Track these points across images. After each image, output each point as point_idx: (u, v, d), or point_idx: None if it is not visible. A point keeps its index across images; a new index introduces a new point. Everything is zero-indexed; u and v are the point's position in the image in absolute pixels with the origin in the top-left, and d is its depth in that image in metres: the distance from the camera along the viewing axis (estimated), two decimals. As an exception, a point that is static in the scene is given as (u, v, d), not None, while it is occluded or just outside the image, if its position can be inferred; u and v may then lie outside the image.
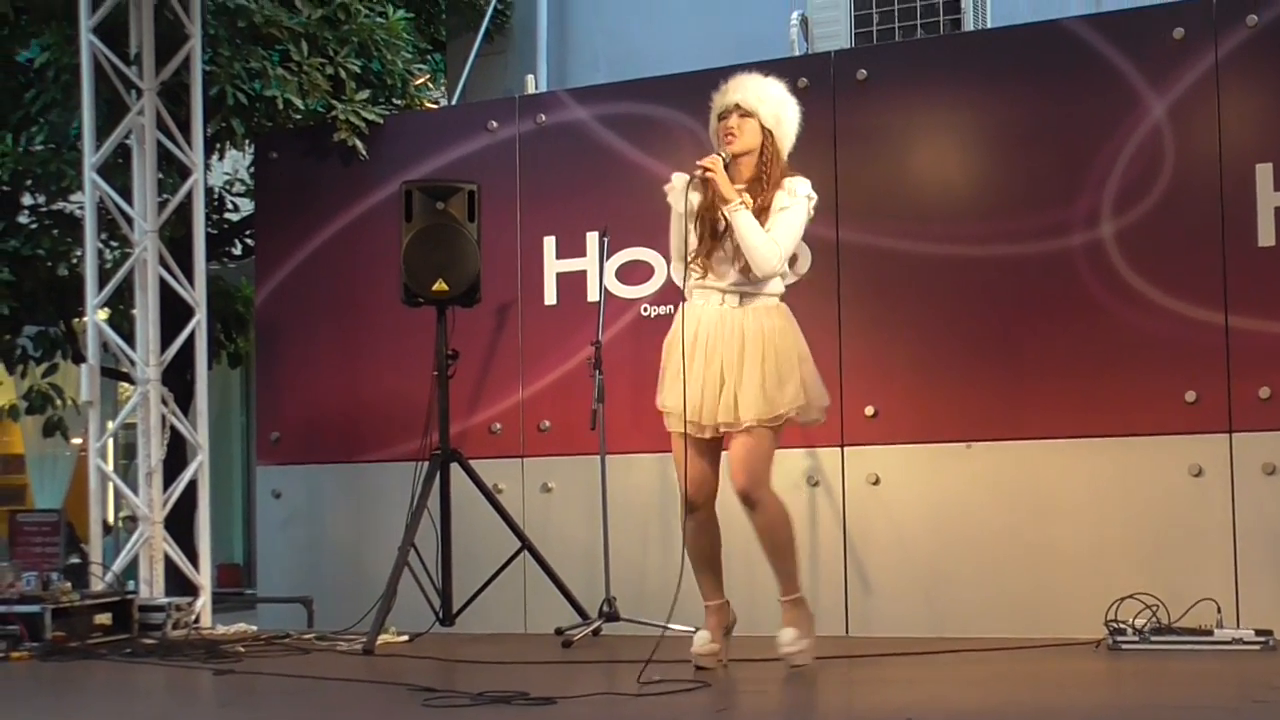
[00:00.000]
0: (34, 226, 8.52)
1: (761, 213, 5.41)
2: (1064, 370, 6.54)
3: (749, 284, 5.45)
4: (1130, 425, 6.42)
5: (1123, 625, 5.93)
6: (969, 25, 7.59)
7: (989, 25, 7.75)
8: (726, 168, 5.44)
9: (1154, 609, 5.93)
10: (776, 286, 5.52)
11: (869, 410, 6.83)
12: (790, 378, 5.37)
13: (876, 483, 6.82)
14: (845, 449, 6.88)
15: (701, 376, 5.39)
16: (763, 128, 5.50)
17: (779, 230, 5.41)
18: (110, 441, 7.71)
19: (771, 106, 5.55)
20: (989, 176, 6.81)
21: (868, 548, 6.82)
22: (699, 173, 5.40)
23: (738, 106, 5.51)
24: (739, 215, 5.36)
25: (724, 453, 5.53)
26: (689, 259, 5.48)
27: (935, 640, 6.32)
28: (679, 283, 5.57)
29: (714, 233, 5.46)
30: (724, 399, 5.36)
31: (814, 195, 5.53)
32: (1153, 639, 5.85)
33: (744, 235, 5.36)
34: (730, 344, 5.39)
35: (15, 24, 7.89)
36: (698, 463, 5.46)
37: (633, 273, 7.30)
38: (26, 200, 8.76)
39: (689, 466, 5.45)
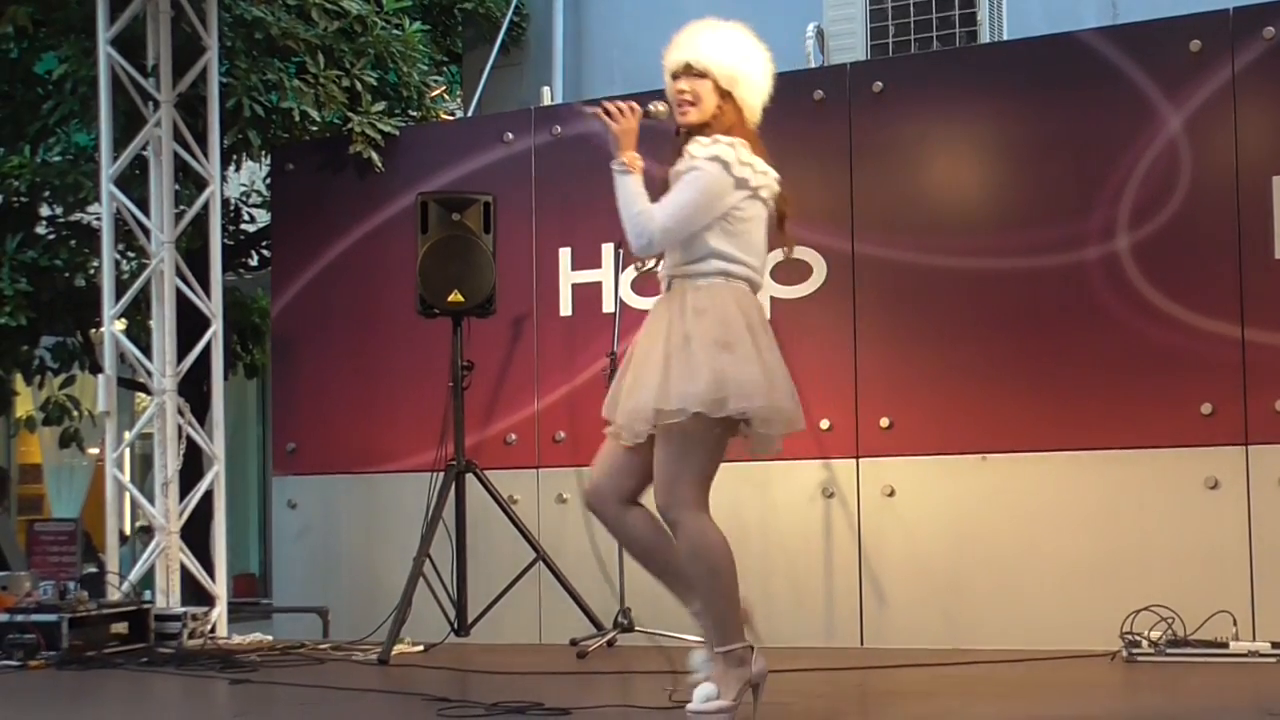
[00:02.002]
0: (52, 237, 8.55)
1: None
2: (1079, 382, 6.53)
3: (682, 262, 4.58)
4: (1146, 437, 6.41)
5: (1138, 637, 5.92)
6: (985, 37, 7.60)
7: (1004, 37, 7.75)
8: (679, 134, 4.65)
9: (1170, 621, 5.92)
10: (714, 264, 4.54)
11: (884, 422, 6.83)
12: (700, 370, 4.39)
13: (892, 494, 6.82)
14: (860, 460, 6.88)
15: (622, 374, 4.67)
16: (718, 89, 4.62)
17: (667, 198, 4.52)
18: (127, 452, 7.73)
19: (727, 63, 4.62)
20: (1005, 189, 6.81)
21: (883, 560, 6.81)
22: (594, 110, 4.64)
23: (689, 66, 4.61)
24: (618, 178, 4.56)
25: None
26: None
27: (950, 652, 6.31)
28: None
29: None
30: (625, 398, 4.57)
31: (723, 156, 4.50)
32: (1168, 651, 5.84)
33: (618, 202, 4.55)
34: (650, 334, 4.58)
35: (34, 36, 7.93)
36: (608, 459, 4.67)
37: (648, 285, 7.29)
38: (44, 211, 8.79)
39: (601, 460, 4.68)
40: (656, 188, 4.62)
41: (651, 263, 4.78)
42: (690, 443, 4.42)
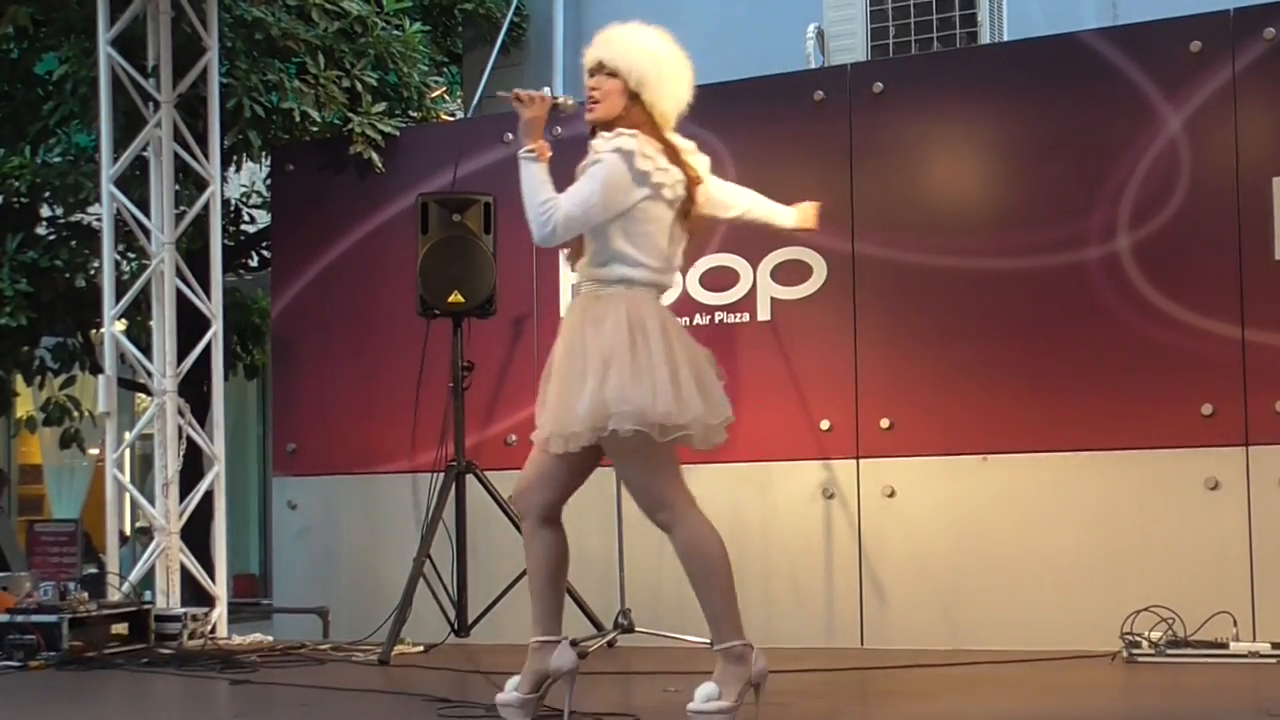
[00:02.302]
0: (52, 238, 8.56)
1: None
2: (1080, 383, 6.53)
3: (588, 265, 4.59)
4: (1147, 438, 6.41)
5: (1138, 638, 5.92)
6: (985, 38, 7.60)
7: (1005, 38, 7.75)
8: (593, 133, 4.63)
9: (1170, 622, 5.92)
10: (616, 270, 4.52)
11: (885, 423, 6.83)
12: (582, 386, 4.43)
13: (892, 495, 6.82)
14: (861, 461, 6.88)
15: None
16: (626, 90, 4.61)
17: (571, 189, 4.48)
18: (127, 452, 7.73)
19: (638, 65, 4.60)
20: (1005, 189, 6.81)
21: (883, 560, 6.81)
22: (506, 95, 4.63)
23: (600, 65, 4.63)
24: (525, 164, 4.55)
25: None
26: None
27: (951, 652, 6.31)
28: None
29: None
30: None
31: (625, 147, 4.49)
32: (1168, 652, 5.84)
33: (523, 189, 4.53)
34: (565, 342, 4.59)
35: (34, 37, 7.93)
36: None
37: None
38: (45, 212, 8.80)
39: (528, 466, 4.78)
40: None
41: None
42: (636, 452, 4.48)
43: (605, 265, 4.51)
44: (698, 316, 7.18)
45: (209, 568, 7.62)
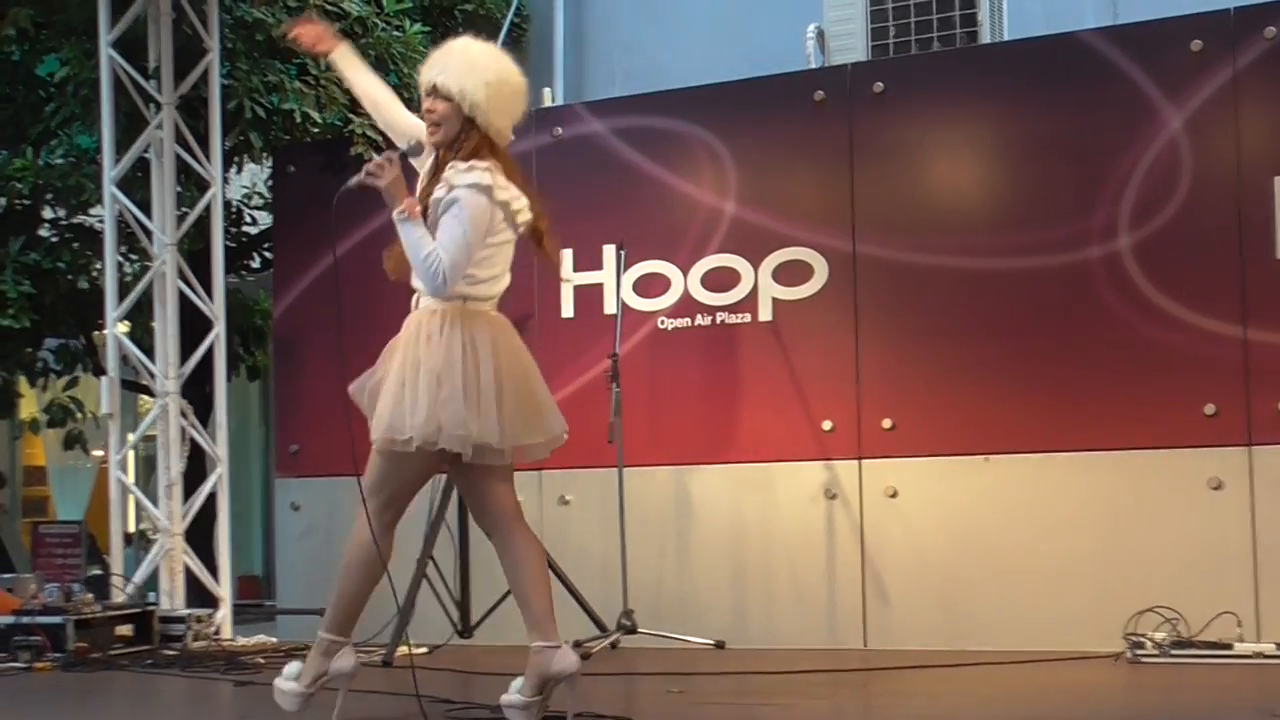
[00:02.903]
0: (54, 240, 8.57)
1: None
2: (1082, 383, 6.53)
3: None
4: (1149, 438, 6.41)
5: (1142, 638, 5.92)
6: (985, 38, 7.60)
7: (1005, 38, 7.75)
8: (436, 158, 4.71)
9: (1174, 622, 5.93)
10: (457, 287, 4.67)
11: (886, 423, 6.83)
12: (420, 403, 4.63)
13: (894, 495, 6.82)
14: (863, 462, 6.88)
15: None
16: (462, 113, 4.64)
17: (441, 235, 4.53)
18: (130, 454, 7.74)
19: (470, 88, 4.64)
20: (1006, 189, 6.81)
21: (885, 560, 6.82)
22: (360, 179, 4.59)
23: (435, 88, 4.65)
24: (402, 226, 4.56)
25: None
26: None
27: (954, 653, 6.32)
28: None
29: None
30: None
31: (483, 182, 4.57)
32: (1172, 652, 5.84)
33: (406, 252, 4.60)
34: (399, 349, 4.82)
35: (35, 39, 7.94)
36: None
37: (650, 286, 7.31)
38: (47, 214, 8.81)
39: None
40: (673, 200, 4.63)
41: None
42: (399, 462, 4.73)
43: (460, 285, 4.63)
44: (699, 317, 7.19)
45: (213, 569, 7.63)
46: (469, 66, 4.66)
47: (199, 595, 7.68)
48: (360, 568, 4.80)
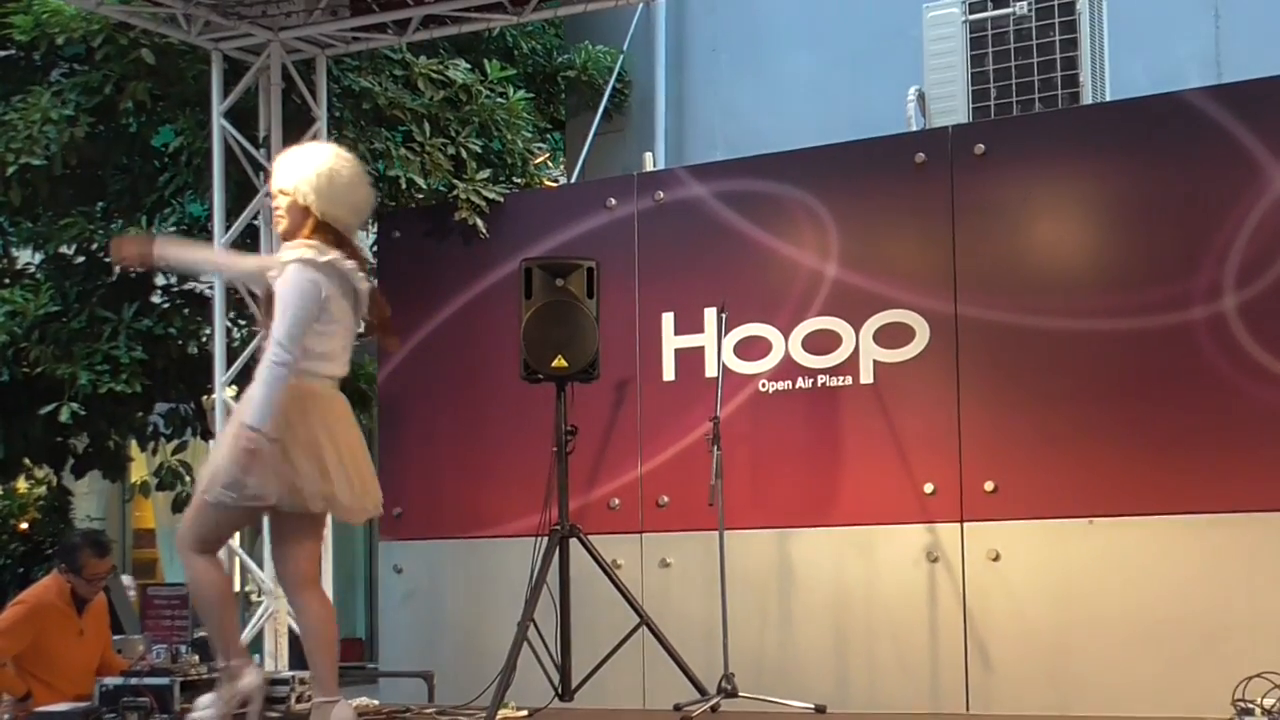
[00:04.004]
0: (165, 306, 8.71)
1: None
2: (1187, 444, 6.45)
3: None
4: (1256, 501, 6.30)
5: (1250, 704, 5.79)
6: (1087, 98, 7.56)
7: (1107, 98, 7.71)
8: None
9: (1283, 688, 5.81)
10: (302, 363, 5.23)
11: (989, 485, 6.78)
12: (221, 461, 5.20)
13: (997, 559, 6.76)
14: (965, 524, 6.83)
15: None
16: (298, 205, 5.28)
17: (277, 317, 5.15)
18: (237, 516, 7.85)
19: (302, 183, 5.27)
20: (1108, 250, 6.77)
21: (988, 624, 6.75)
22: None
23: (279, 190, 5.36)
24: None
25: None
26: None
27: (1057, 718, 6.23)
28: None
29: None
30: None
31: (305, 256, 5.18)
32: (1282, 719, 5.72)
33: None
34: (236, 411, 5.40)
35: (152, 111, 8.13)
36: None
37: (751, 348, 7.32)
38: (159, 280, 8.97)
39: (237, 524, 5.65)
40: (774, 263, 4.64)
41: None
42: (214, 511, 5.28)
43: (299, 359, 5.15)
44: (800, 380, 7.19)
45: (317, 631, 7.67)
46: (302, 166, 5.30)
47: (302, 658, 7.73)
48: (216, 599, 5.38)
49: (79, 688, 6.71)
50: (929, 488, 6.88)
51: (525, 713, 6.81)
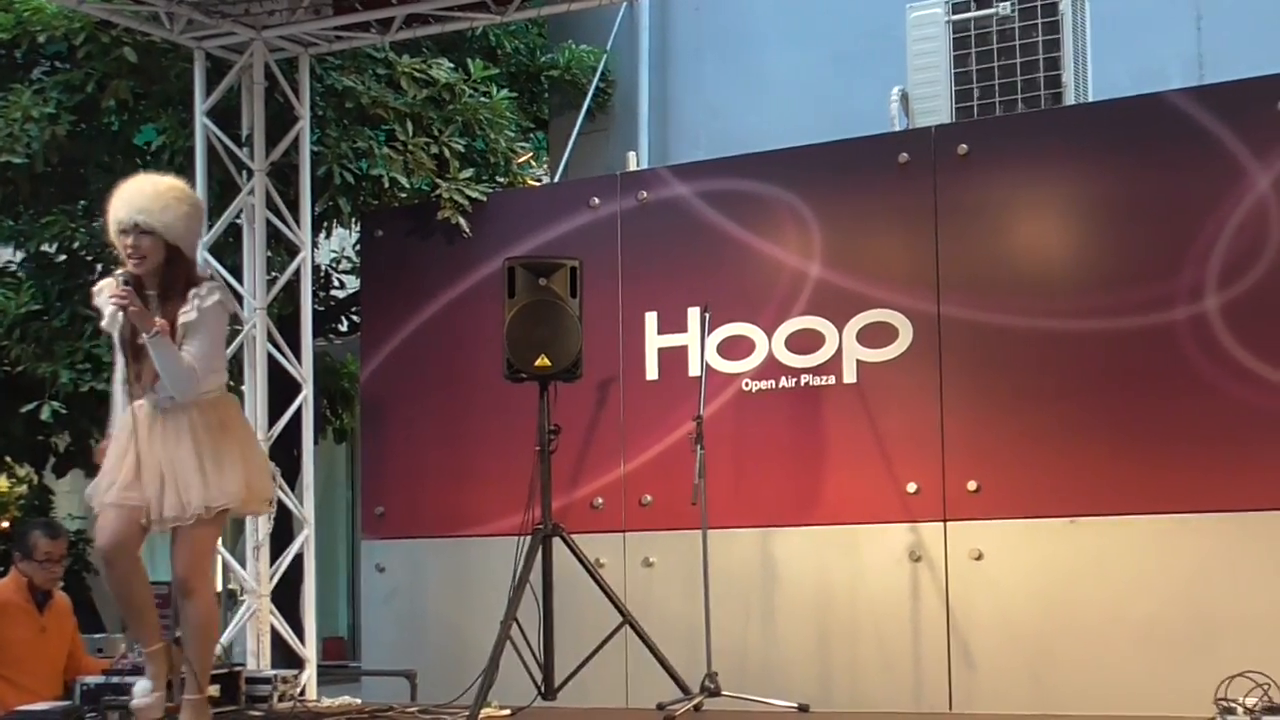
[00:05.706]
0: (147, 305, 8.69)
1: (172, 326, 5.36)
2: (1169, 445, 6.47)
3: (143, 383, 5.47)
4: (1238, 501, 6.32)
5: (1233, 704, 5.81)
6: (1070, 99, 7.58)
7: (1090, 98, 7.73)
8: (138, 279, 5.40)
9: (1265, 687, 5.82)
10: (213, 380, 5.51)
11: (971, 485, 6.79)
12: (231, 470, 5.44)
13: (980, 558, 6.77)
14: (948, 524, 6.84)
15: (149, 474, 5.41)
16: (166, 244, 5.39)
17: (194, 347, 5.37)
18: (219, 515, 7.84)
19: (174, 222, 5.41)
20: (1091, 250, 6.78)
21: (971, 624, 6.76)
22: (115, 304, 5.29)
23: (136, 225, 5.36)
24: (155, 343, 5.30)
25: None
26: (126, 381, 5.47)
27: (1040, 717, 6.24)
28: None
29: (137, 355, 5.42)
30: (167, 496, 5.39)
31: (221, 295, 5.49)
32: (1264, 718, 5.73)
33: (161, 365, 5.33)
34: (169, 442, 5.43)
35: (134, 109, 8.11)
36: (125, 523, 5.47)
37: (734, 348, 7.33)
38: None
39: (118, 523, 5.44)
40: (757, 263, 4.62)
41: None
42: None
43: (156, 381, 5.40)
44: (783, 379, 7.20)
45: (298, 630, 7.68)
46: (166, 205, 5.41)
47: (285, 656, 7.73)
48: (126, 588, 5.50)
49: (46, 686, 6.70)
50: (912, 487, 6.89)
51: (508, 711, 6.81)
